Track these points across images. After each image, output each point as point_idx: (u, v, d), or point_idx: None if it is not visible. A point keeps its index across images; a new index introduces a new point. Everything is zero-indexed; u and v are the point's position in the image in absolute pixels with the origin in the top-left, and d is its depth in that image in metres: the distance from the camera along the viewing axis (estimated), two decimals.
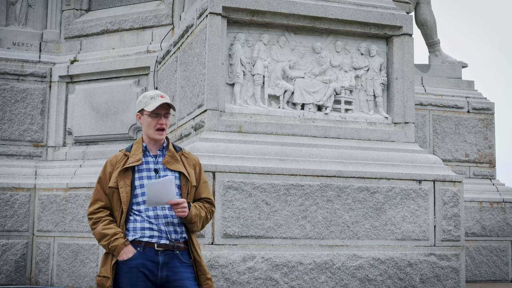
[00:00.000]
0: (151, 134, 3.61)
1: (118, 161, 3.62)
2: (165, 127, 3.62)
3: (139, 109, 3.67)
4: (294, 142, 6.19)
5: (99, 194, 3.60)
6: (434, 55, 10.32)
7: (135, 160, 3.57)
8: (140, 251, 3.46)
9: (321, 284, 5.83)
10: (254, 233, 5.71)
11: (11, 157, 8.97)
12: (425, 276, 6.13)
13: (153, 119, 3.59)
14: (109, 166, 3.62)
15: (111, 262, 3.48)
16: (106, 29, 9.21)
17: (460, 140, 9.65)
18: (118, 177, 3.53)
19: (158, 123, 3.59)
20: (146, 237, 3.47)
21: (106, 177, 3.59)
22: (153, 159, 3.61)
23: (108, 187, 3.56)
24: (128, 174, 3.55)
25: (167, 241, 3.48)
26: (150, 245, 3.47)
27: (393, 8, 6.82)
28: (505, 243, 9.46)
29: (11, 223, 8.56)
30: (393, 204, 6.14)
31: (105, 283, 3.47)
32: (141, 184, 3.53)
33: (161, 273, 3.46)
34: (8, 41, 9.35)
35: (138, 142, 3.66)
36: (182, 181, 3.59)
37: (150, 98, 3.63)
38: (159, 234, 3.49)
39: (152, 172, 3.56)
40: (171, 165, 3.59)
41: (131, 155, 3.60)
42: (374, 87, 6.71)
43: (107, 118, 8.77)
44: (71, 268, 8.27)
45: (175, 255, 3.50)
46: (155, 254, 3.46)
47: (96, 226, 3.55)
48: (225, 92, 6.21)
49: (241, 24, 6.38)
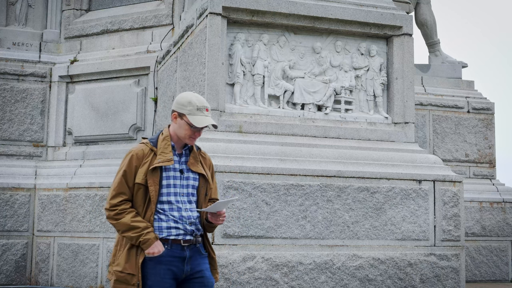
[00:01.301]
0: (183, 138, 3.60)
1: (145, 155, 3.55)
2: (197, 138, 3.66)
3: (179, 111, 3.58)
4: (294, 142, 6.19)
5: (122, 187, 3.53)
6: (434, 55, 10.32)
7: (166, 160, 3.53)
8: (168, 248, 3.49)
9: (321, 284, 5.83)
10: (254, 233, 5.71)
11: (11, 157, 8.97)
12: (425, 276, 6.13)
13: (192, 130, 3.58)
14: (135, 160, 3.54)
15: (138, 259, 3.46)
16: (106, 29, 9.21)
17: (460, 140, 9.65)
18: (147, 174, 3.51)
19: (195, 134, 3.59)
20: (173, 235, 3.52)
21: (132, 171, 3.53)
22: (178, 158, 3.62)
23: (135, 183, 3.53)
24: (156, 172, 3.52)
25: (191, 237, 3.56)
26: (177, 242, 3.52)
27: (393, 8, 6.82)
28: (505, 243, 9.46)
29: (11, 223, 8.56)
30: (393, 204, 6.14)
31: (129, 280, 3.44)
32: (167, 184, 3.54)
33: (186, 267, 3.52)
34: (8, 41, 9.35)
35: (165, 139, 3.60)
36: (201, 182, 3.64)
37: (196, 109, 3.56)
38: (184, 232, 3.54)
39: (177, 172, 3.58)
40: (194, 166, 3.62)
41: (159, 152, 3.54)
42: (374, 87, 6.71)
43: (107, 118, 8.76)
44: (71, 268, 8.27)
45: (197, 249, 3.59)
46: (182, 250, 3.52)
47: (122, 217, 3.48)
48: (225, 92, 6.21)
49: (241, 24, 6.38)
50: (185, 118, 3.55)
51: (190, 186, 3.59)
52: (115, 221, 3.51)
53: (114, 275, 3.49)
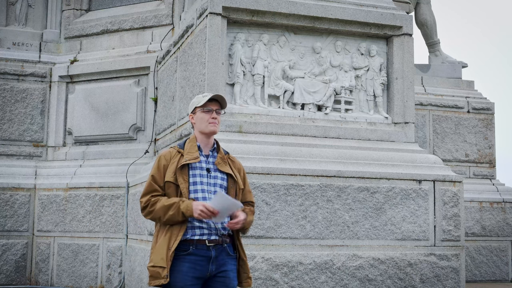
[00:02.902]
0: (204, 128, 3.68)
1: (173, 156, 3.66)
2: (217, 121, 3.70)
3: (191, 110, 3.75)
4: (294, 142, 6.19)
5: (151, 187, 3.63)
6: (434, 55, 10.33)
7: (193, 158, 3.62)
8: (193, 248, 3.52)
9: (321, 284, 5.83)
10: (254, 233, 5.71)
11: (11, 157, 8.97)
12: (425, 276, 6.13)
13: (205, 113, 3.68)
14: (163, 160, 3.65)
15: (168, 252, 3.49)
16: (106, 29, 9.21)
17: (460, 140, 9.66)
18: (177, 172, 3.58)
19: (211, 117, 3.68)
20: (197, 235, 3.55)
21: (161, 171, 3.62)
22: (205, 158, 3.68)
23: (165, 181, 3.60)
24: (185, 170, 3.60)
25: (216, 237, 3.57)
26: (202, 242, 3.54)
27: (393, 8, 6.82)
28: (505, 243, 9.46)
29: (11, 223, 8.56)
30: (393, 204, 6.14)
31: (160, 273, 3.48)
32: (194, 181, 3.60)
33: (211, 267, 3.54)
34: (8, 41, 9.35)
35: (191, 141, 3.72)
36: (230, 183, 3.69)
37: (202, 96, 3.73)
38: (209, 232, 3.57)
39: (204, 171, 3.64)
40: (221, 166, 3.68)
41: (186, 153, 3.65)
42: (374, 87, 6.71)
43: (107, 118, 8.76)
44: (71, 268, 8.27)
45: (223, 248, 3.60)
46: (207, 250, 3.54)
47: (156, 206, 3.56)
48: (225, 92, 6.21)
49: (241, 24, 6.38)
50: (197, 109, 3.71)
51: (218, 185, 3.65)
52: (152, 212, 3.58)
53: (148, 271, 3.55)
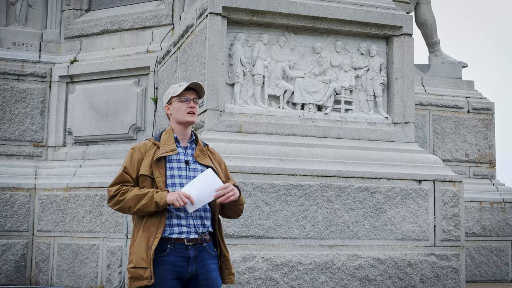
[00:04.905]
0: (182, 118, 3.52)
1: (148, 149, 3.47)
2: (195, 111, 3.55)
3: (167, 101, 3.58)
4: (294, 142, 6.19)
5: (124, 177, 3.45)
6: (434, 55, 10.32)
7: (169, 150, 3.44)
8: (170, 248, 3.35)
9: (321, 284, 5.83)
10: (254, 233, 5.71)
11: (11, 157, 8.97)
12: (425, 276, 6.13)
13: (183, 103, 3.52)
14: (138, 153, 3.47)
15: (149, 252, 3.32)
16: (106, 29, 9.21)
17: (460, 140, 9.65)
18: (152, 165, 3.41)
19: (188, 107, 3.52)
20: (175, 233, 3.38)
21: (134, 164, 3.45)
22: (183, 150, 3.52)
23: (140, 175, 3.42)
24: (161, 164, 3.42)
25: (196, 235, 3.41)
26: (180, 241, 3.37)
27: (393, 8, 6.82)
28: (505, 243, 9.46)
29: (11, 223, 8.56)
30: (393, 204, 6.14)
31: (142, 274, 3.31)
32: (171, 174, 3.43)
33: (191, 268, 3.38)
34: (8, 41, 9.35)
35: (167, 132, 3.54)
36: None
37: (178, 86, 3.57)
38: (188, 229, 3.40)
39: (182, 163, 3.47)
40: (201, 159, 3.51)
41: (162, 145, 3.46)
42: (374, 87, 6.71)
43: (107, 118, 8.77)
44: (71, 268, 8.27)
45: (203, 248, 3.44)
46: (186, 249, 3.37)
47: (126, 195, 3.38)
48: (225, 92, 6.21)
49: (241, 24, 6.38)
50: (173, 99, 3.56)
51: None
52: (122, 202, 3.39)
53: (128, 273, 3.38)
